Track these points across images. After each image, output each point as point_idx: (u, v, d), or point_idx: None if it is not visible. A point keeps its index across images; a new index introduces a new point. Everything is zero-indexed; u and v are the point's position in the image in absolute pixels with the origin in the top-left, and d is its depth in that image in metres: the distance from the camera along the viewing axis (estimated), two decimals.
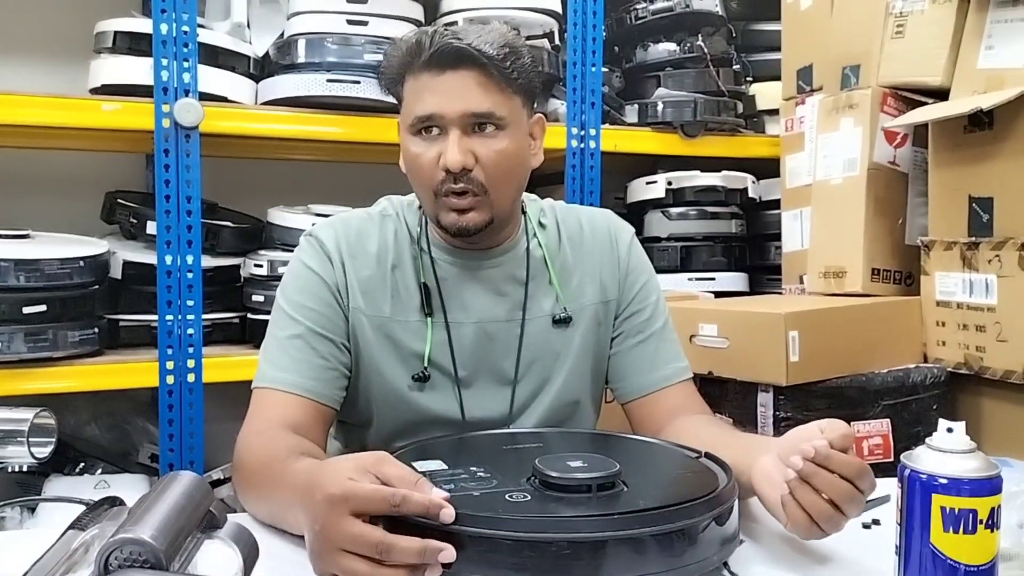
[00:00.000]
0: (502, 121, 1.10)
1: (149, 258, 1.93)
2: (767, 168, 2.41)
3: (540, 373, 1.20)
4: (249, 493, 1.03)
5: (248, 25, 2.06)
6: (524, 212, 1.24)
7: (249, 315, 2.09)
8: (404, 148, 1.14)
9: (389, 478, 0.78)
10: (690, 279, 2.36)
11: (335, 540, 0.74)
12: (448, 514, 0.74)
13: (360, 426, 1.21)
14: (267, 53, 2.08)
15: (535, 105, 1.19)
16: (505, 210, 1.16)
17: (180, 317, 1.90)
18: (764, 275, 2.50)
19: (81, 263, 1.81)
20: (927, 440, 0.78)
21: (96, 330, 1.87)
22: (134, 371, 1.89)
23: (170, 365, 1.89)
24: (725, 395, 1.67)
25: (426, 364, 1.16)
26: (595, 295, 1.23)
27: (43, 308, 1.76)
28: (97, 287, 1.88)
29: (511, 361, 1.19)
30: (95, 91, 1.96)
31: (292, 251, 1.21)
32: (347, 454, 0.87)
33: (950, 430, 0.76)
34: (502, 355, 1.19)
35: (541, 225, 1.24)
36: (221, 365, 1.95)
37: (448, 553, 0.73)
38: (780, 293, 2.24)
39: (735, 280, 2.42)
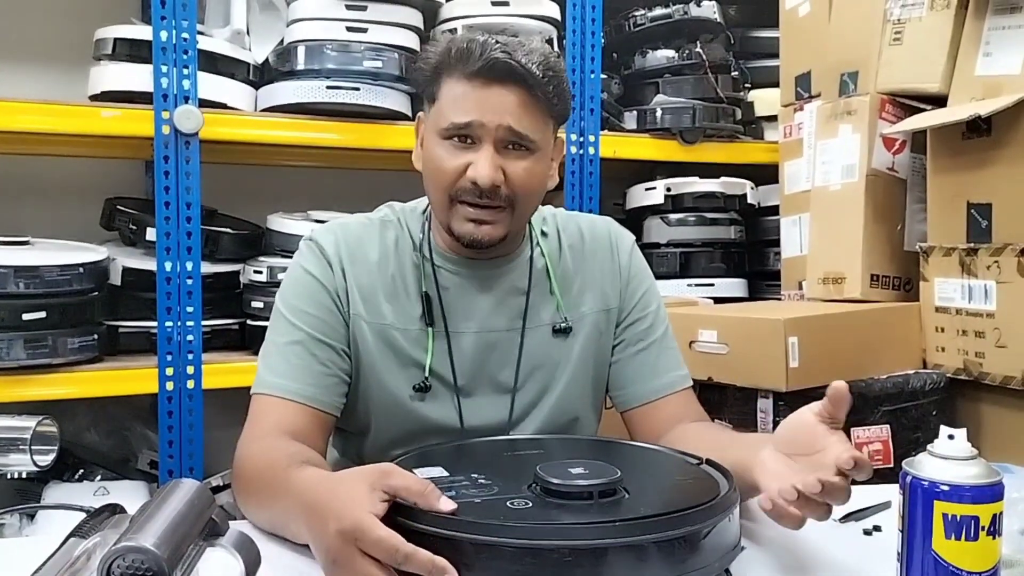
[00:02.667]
0: (534, 144, 1.10)
1: (149, 264, 1.93)
2: (766, 174, 2.41)
3: (540, 382, 1.20)
4: (249, 500, 1.03)
5: (248, 32, 2.06)
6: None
7: (248, 321, 2.09)
8: (428, 149, 1.13)
9: (396, 490, 0.79)
10: (689, 285, 2.36)
11: (349, 573, 0.76)
12: None
13: (358, 434, 1.21)
14: (267, 60, 2.08)
15: (559, 128, 1.19)
16: (519, 228, 1.17)
17: (179, 323, 1.89)
18: (763, 281, 2.50)
19: (81, 270, 1.81)
20: (929, 447, 0.78)
21: (95, 337, 1.87)
22: (133, 378, 1.89)
23: (169, 371, 1.89)
24: (725, 401, 1.67)
25: (427, 374, 1.15)
26: (596, 303, 1.23)
27: (43, 315, 1.76)
28: (97, 294, 1.88)
29: (511, 370, 1.18)
30: (95, 98, 1.96)
31: (291, 257, 1.20)
32: (351, 468, 0.87)
33: (951, 437, 0.76)
34: (502, 364, 1.18)
35: (543, 234, 1.24)
36: (220, 371, 1.94)
37: None
38: (779, 299, 2.25)
39: (734, 286, 2.42)
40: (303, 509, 0.83)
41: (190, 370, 1.90)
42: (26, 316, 1.74)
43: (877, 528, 1.02)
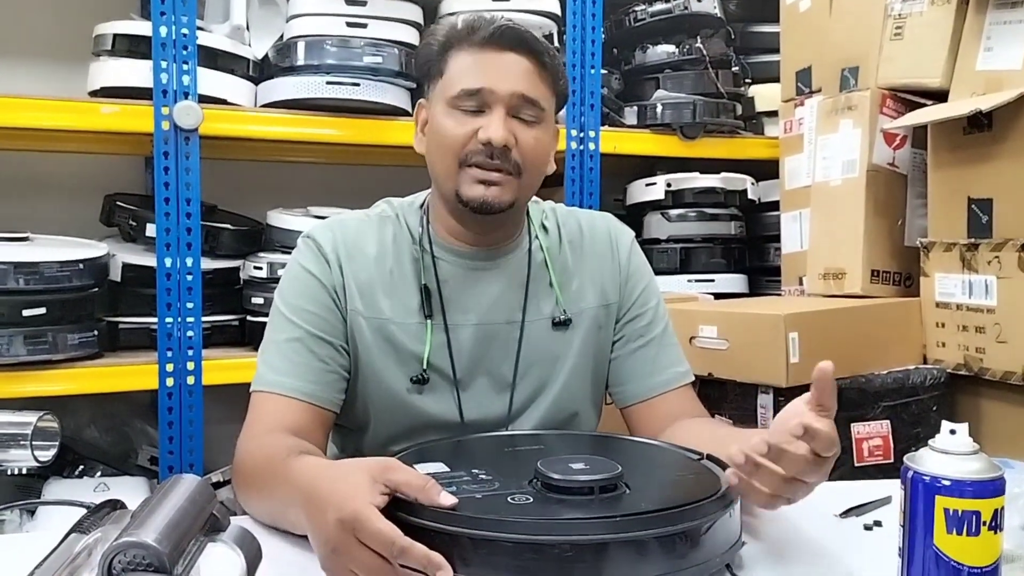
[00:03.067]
0: (543, 113, 1.13)
1: (149, 260, 1.93)
2: (766, 170, 2.41)
3: (539, 376, 1.20)
4: (249, 493, 1.03)
5: (247, 28, 2.06)
6: (527, 214, 1.24)
7: (248, 317, 2.09)
8: (434, 121, 1.13)
9: (397, 485, 0.79)
10: (689, 281, 2.36)
11: (347, 563, 0.76)
12: (445, 575, 0.74)
13: (357, 430, 1.21)
14: (266, 55, 2.08)
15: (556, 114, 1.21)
16: (524, 200, 1.17)
17: (180, 319, 1.89)
18: (763, 277, 2.50)
19: (81, 266, 1.81)
20: (930, 442, 0.77)
21: (96, 332, 1.87)
22: (134, 373, 1.89)
23: (170, 367, 1.89)
24: (725, 396, 1.67)
25: (425, 366, 1.15)
26: (595, 299, 1.23)
27: (43, 311, 1.76)
28: (97, 289, 1.88)
29: (510, 363, 1.18)
30: (94, 94, 1.95)
31: (291, 253, 1.20)
32: (350, 458, 0.87)
33: (953, 432, 0.76)
34: (501, 357, 1.18)
35: (543, 227, 1.24)
36: (221, 367, 1.94)
37: (445, 573, 0.74)
38: (779, 295, 2.25)
39: (734, 282, 2.42)
40: (303, 497, 0.83)
41: (190, 366, 1.90)
42: (26, 312, 1.74)
43: (878, 523, 1.02)
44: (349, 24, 2.01)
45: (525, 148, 1.11)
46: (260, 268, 2.04)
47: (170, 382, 1.89)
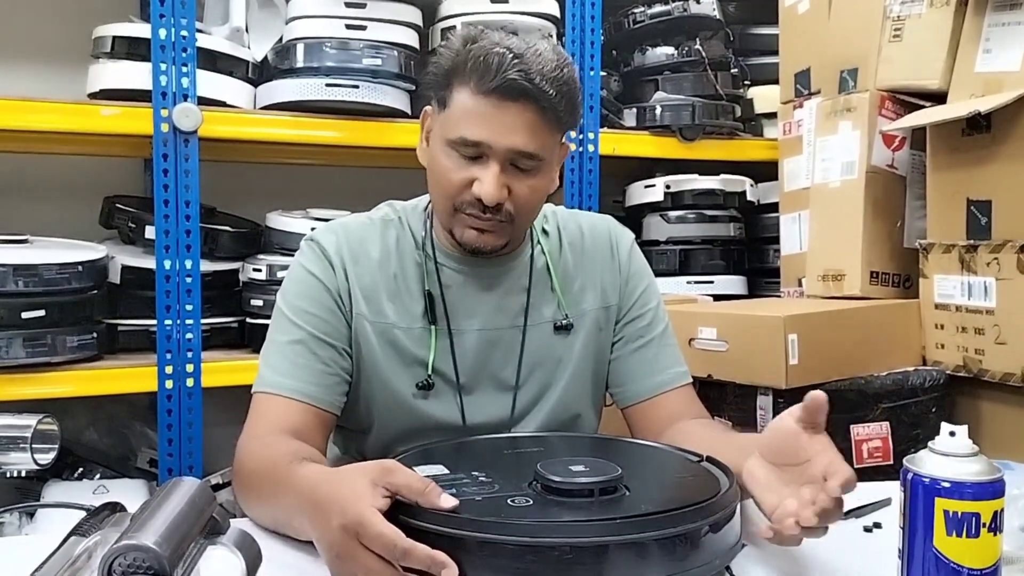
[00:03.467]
0: (541, 163, 1.10)
1: (148, 263, 1.93)
2: (765, 171, 2.41)
3: (541, 380, 1.20)
4: (250, 498, 1.03)
5: (247, 30, 2.06)
6: None
7: (248, 319, 2.08)
8: (434, 152, 1.12)
9: (398, 488, 0.79)
10: (689, 282, 2.36)
11: (352, 567, 0.77)
12: (450, 573, 0.74)
13: (359, 432, 1.21)
14: (266, 58, 2.08)
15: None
16: (520, 237, 1.18)
17: (179, 322, 1.89)
18: (763, 278, 2.50)
19: (80, 268, 1.81)
20: (930, 444, 0.78)
21: (95, 335, 1.87)
22: (133, 376, 1.89)
23: (169, 370, 1.89)
24: (724, 398, 1.67)
25: (430, 372, 1.15)
26: (596, 301, 1.24)
27: (42, 313, 1.76)
28: (96, 292, 1.88)
29: (512, 368, 1.19)
30: (94, 96, 1.95)
31: (291, 255, 1.20)
32: (353, 463, 0.87)
33: (952, 434, 0.76)
34: (503, 362, 1.19)
35: (544, 232, 1.25)
36: (220, 370, 1.94)
37: (450, 572, 0.74)
38: (779, 296, 2.25)
39: (734, 283, 2.42)
40: (306, 504, 0.84)
41: (189, 368, 1.90)
42: (25, 315, 1.74)
43: (877, 525, 1.02)
44: (348, 26, 2.01)
45: (519, 199, 1.10)
46: (259, 270, 2.04)
47: (169, 384, 1.89)
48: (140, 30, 1.93)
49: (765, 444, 0.92)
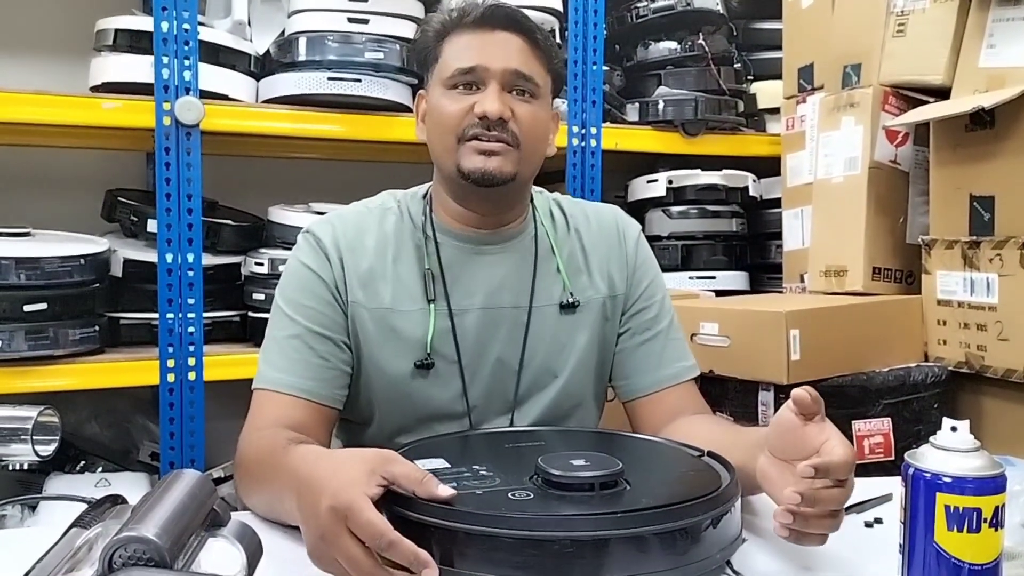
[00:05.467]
0: (538, 89, 1.13)
1: (150, 256, 1.93)
2: (768, 167, 2.41)
3: (545, 362, 1.19)
4: (249, 487, 1.03)
5: (249, 23, 2.06)
6: (531, 201, 1.24)
7: (250, 313, 2.08)
8: (432, 103, 1.15)
9: (396, 477, 0.78)
10: (691, 278, 2.36)
11: (333, 551, 0.75)
12: (430, 574, 0.73)
13: (361, 423, 1.20)
14: (268, 51, 2.07)
15: (554, 99, 1.21)
16: (526, 174, 1.16)
17: (181, 315, 1.89)
18: (765, 274, 2.50)
19: (82, 261, 1.81)
20: (931, 439, 0.77)
21: (97, 328, 1.87)
22: (135, 369, 1.89)
23: (171, 363, 1.89)
24: (726, 394, 1.67)
25: (428, 351, 1.14)
26: (603, 289, 1.23)
27: (44, 306, 1.76)
28: (98, 285, 1.88)
29: (516, 348, 1.17)
30: (96, 89, 1.95)
31: (292, 249, 1.20)
32: (351, 448, 0.87)
33: (954, 429, 0.76)
34: (507, 342, 1.17)
35: (550, 215, 1.24)
36: (222, 363, 1.94)
37: (431, 572, 0.73)
38: (781, 292, 2.24)
39: (736, 279, 2.42)
40: (299, 483, 0.82)
41: (191, 362, 1.91)
42: (27, 307, 1.74)
43: (878, 520, 1.02)
44: (351, 20, 2.01)
45: (522, 121, 1.11)
46: (261, 264, 2.04)
47: (171, 378, 1.89)
48: (142, 23, 1.92)
49: (772, 443, 0.91)
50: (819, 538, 0.84)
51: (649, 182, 2.43)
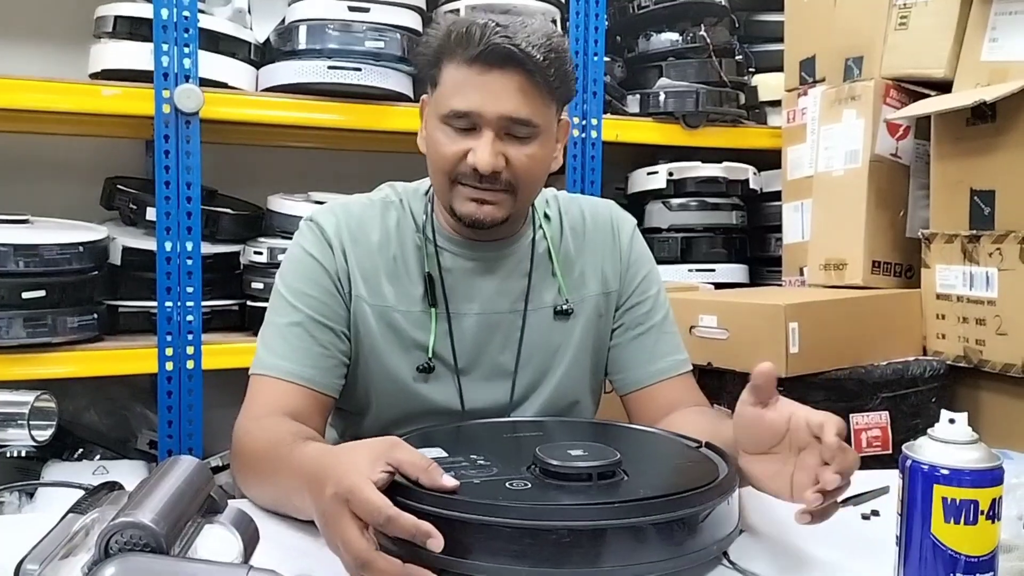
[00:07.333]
0: (536, 129, 1.09)
1: (149, 244, 1.93)
2: (768, 159, 2.40)
3: (540, 365, 1.20)
4: (250, 479, 1.03)
5: (249, 11, 2.05)
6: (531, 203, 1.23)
7: (248, 302, 2.08)
8: (429, 131, 1.12)
9: (400, 463, 0.79)
10: (690, 270, 2.36)
11: (333, 535, 0.76)
12: (435, 543, 0.73)
13: (357, 414, 1.21)
14: (268, 39, 2.07)
15: (563, 109, 1.17)
16: (522, 211, 1.17)
17: (179, 304, 1.89)
18: (764, 267, 2.50)
19: (80, 249, 1.81)
20: (929, 431, 0.77)
21: (95, 316, 1.87)
22: (133, 357, 1.89)
23: (169, 352, 1.89)
24: (724, 386, 1.67)
25: (430, 356, 1.15)
26: (596, 286, 1.23)
27: (42, 293, 1.76)
28: (96, 273, 1.88)
29: (512, 352, 1.18)
30: (95, 76, 1.95)
31: (292, 238, 1.20)
32: (355, 441, 0.87)
33: (952, 421, 0.76)
34: (502, 346, 1.18)
35: (546, 217, 1.24)
36: (220, 352, 1.94)
37: (435, 542, 0.73)
38: (780, 285, 2.24)
39: (735, 271, 2.42)
40: (308, 477, 0.83)
41: (190, 350, 1.90)
42: (26, 295, 1.74)
43: (875, 513, 1.01)
44: (351, 8, 2.00)
45: (517, 167, 1.08)
46: (260, 253, 2.04)
47: (169, 366, 1.89)
48: (142, 10, 1.92)
49: (741, 442, 0.92)
50: (837, 505, 0.85)
51: (649, 174, 2.42)
